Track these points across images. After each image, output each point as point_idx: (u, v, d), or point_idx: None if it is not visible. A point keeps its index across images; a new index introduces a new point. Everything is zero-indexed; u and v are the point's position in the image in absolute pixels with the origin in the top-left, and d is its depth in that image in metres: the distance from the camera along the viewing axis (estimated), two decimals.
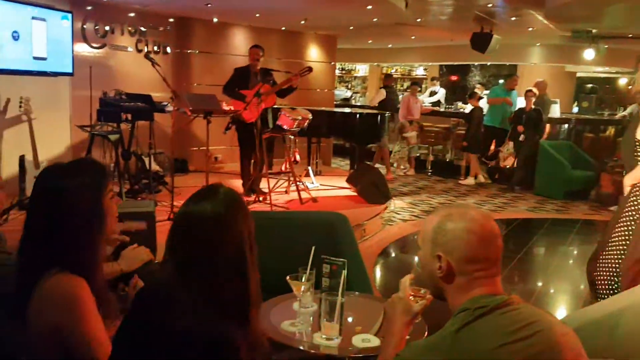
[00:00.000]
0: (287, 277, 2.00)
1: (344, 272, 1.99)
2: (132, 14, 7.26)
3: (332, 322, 1.87)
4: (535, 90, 8.43)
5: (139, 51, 7.29)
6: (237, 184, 6.24)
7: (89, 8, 6.71)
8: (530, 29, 9.19)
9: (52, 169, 1.58)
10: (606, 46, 8.63)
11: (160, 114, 6.29)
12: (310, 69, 5.82)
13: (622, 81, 14.50)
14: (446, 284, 1.38)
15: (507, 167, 9.09)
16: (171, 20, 7.79)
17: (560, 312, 4.04)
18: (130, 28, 7.25)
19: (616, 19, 6.58)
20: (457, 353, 1.25)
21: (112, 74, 7.00)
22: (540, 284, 4.67)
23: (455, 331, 1.28)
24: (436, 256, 1.37)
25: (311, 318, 2.02)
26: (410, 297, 1.54)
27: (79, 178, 1.52)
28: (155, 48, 7.59)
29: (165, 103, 6.33)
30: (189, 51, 7.98)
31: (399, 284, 1.58)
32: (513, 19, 8.18)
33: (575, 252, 5.67)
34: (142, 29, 7.40)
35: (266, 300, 2.20)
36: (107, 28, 6.96)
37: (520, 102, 9.84)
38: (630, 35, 8.31)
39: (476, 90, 10.06)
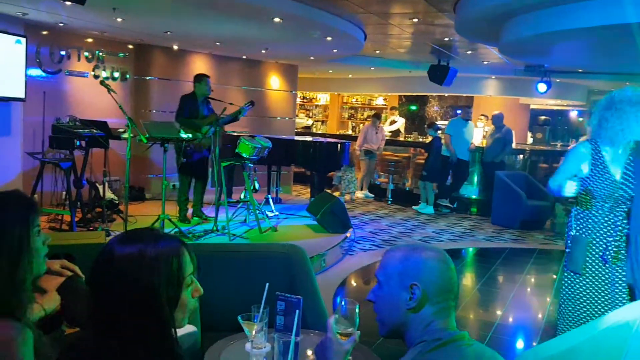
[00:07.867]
0: (239, 317, 1.92)
1: (298, 311, 1.92)
2: (89, 40, 7.12)
3: None
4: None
5: (96, 77, 7.14)
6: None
7: (45, 32, 6.56)
8: (485, 62, 9.49)
9: None
10: (557, 80, 8.97)
11: (117, 140, 6.15)
12: (252, 103, 5.88)
13: (573, 113, 15.11)
14: (413, 313, 1.35)
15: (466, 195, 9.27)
16: (130, 46, 7.69)
17: (519, 344, 4.07)
18: (87, 54, 7.11)
19: (565, 55, 6.88)
20: None
21: (67, 100, 6.83)
22: (499, 312, 4.69)
23: None
24: (408, 287, 1.34)
25: None
26: (339, 336, 1.51)
27: (3, 213, 1.43)
28: (114, 74, 7.46)
29: (122, 130, 6.18)
30: (148, 78, 7.87)
31: (327, 325, 1.55)
32: (469, 52, 8.43)
33: (533, 280, 5.75)
34: (100, 54, 7.27)
35: (217, 341, 2.11)
36: (62, 53, 6.80)
37: (477, 133, 10.10)
38: (580, 71, 8.68)
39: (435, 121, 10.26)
